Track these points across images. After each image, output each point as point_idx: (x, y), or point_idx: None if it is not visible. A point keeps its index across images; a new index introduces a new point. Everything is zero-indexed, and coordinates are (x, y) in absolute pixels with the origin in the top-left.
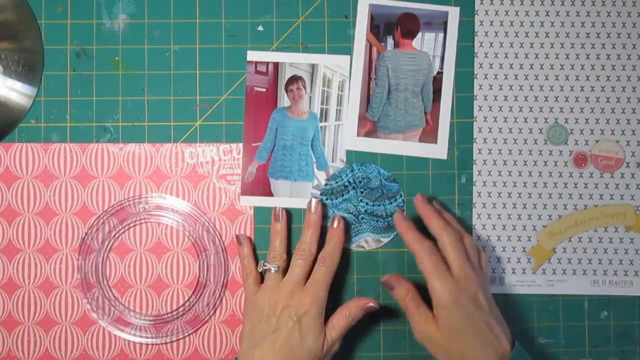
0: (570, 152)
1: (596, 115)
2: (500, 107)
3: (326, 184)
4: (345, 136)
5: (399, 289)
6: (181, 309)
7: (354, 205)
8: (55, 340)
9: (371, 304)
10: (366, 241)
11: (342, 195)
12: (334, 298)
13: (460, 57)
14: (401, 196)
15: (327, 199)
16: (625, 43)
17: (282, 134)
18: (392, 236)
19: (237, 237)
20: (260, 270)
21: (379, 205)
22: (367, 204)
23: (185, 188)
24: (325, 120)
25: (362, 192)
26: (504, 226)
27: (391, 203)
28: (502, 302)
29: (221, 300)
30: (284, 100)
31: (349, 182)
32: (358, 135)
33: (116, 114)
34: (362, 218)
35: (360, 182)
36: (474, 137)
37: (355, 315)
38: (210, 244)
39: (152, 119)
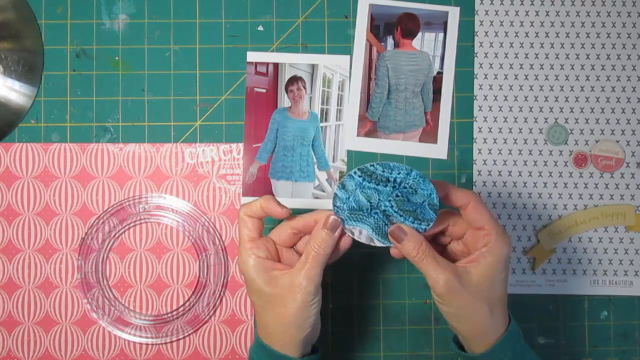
0: (570, 152)
1: (596, 115)
2: (500, 107)
3: (372, 165)
4: (345, 136)
5: (409, 241)
6: (181, 309)
7: (379, 199)
8: (55, 340)
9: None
10: (360, 232)
11: (377, 184)
12: (335, 298)
13: (460, 57)
14: (428, 225)
15: (360, 176)
16: (625, 43)
17: (282, 134)
18: (386, 245)
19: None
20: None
21: (401, 216)
22: (392, 207)
23: (185, 188)
24: (326, 120)
25: (397, 196)
26: (504, 226)
27: (412, 223)
28: None
29: (221, 300)
30: (284, 100)
31: (395, 180)
32: (358, 135)
33: (116, 114)
34: (375, 213)
35: (405, 188)
36: (474, 137)
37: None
38: (210, 244)
39: (152, 119)
